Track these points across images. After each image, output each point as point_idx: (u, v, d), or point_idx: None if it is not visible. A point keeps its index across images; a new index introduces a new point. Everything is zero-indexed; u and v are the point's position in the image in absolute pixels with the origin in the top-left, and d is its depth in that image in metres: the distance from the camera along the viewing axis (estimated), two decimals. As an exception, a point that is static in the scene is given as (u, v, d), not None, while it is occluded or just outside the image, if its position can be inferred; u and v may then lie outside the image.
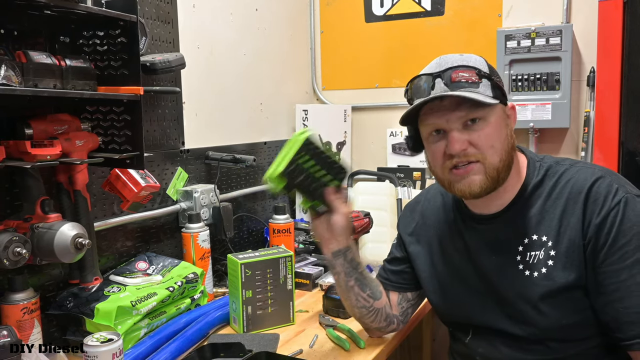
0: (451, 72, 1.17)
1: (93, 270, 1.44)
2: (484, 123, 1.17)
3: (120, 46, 1.38)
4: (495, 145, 1.18)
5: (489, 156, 1.18)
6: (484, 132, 1.17)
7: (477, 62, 1.20)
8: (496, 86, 1.19)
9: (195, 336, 1.51)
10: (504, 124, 1.21)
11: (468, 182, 1.19)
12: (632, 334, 1.12)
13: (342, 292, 1.43)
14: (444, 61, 1.20)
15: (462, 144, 1.17)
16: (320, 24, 2.81)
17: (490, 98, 1.17)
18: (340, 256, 1.37)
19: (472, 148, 1.17)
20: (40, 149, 1.24)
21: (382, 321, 1.47)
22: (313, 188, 1.31)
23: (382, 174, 2.51)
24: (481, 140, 1.17)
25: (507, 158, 1.20)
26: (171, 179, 1.90)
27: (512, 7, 2.36)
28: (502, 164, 1.19)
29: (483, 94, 1.16)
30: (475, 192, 1.20)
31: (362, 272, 1.42)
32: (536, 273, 1.20)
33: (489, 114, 1.18)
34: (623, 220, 1.13)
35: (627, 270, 1.12)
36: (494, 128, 1.18)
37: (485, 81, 1.18)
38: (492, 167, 1.18)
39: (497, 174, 1.19)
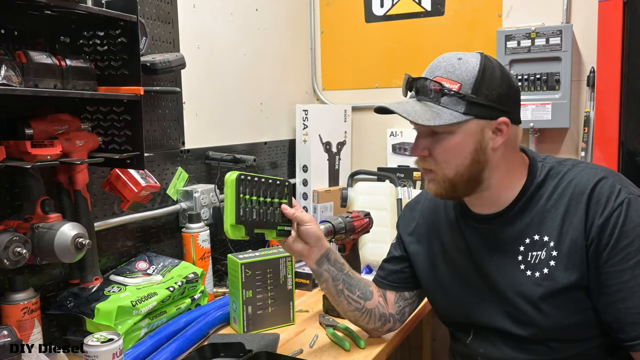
0: (423, 82, 1.20)
1: (93, 270, 1.44)
2: (449, 136, 1.18)
3: (120, 46, 1.38)
4: (450, 161, 1.20)
5: (440, 169, 1.21)
6: (444, 146, 1.19)
7: (463, 73, 1.17)
8: (474, 103, 1.16)
9: (195, 336, 1.51)
10: (473, 140, 1.18)
11: (428, 185, 1.27)
12: (634, 334, 1.12)
13: (333, 299, 1.45)
14: (434, 66, 1.21)
15: (420, 151, 1.23)
16: (321, 24, 2.81)
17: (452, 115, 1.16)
18: (324, 261, 1.39)
19: (430, 157, 1.22)
20: (41, 149, 1.24)
21: (376, 321, 1.47)
22: (269, 216, 1.32)
23: (382, 174, 2.51)
24: (437, 153, 1.21)
25: (467, 172, 1.20)
26: (171, 179, 1.90)
27: (512, 7, 2.36)
28: (458, 177, 1.20)
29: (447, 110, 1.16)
30: (433, 195, 1.27)
31: (348, 273, 1.44)
32: (538, 273, 1.20)
33: (455, 129, 1.17)
34: (626, 221, 1.13)
35: (629, 271, 1.12)
36: (457, 143, 1.18)
37: (455, 99, 1.16)
38: (444, 179, 1.22)
39: (451, 185, 1.22)
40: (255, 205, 1.30)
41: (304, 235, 1.36)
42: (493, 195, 1.25)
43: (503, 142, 1.20)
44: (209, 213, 1.96)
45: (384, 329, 1.51)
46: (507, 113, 1.19)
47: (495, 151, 1.20)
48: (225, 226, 1.27)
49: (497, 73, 1.18)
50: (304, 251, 1.37)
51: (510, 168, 1.25)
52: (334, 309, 1.68)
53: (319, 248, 1.38)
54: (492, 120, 1.18)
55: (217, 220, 1.97)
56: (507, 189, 1.25)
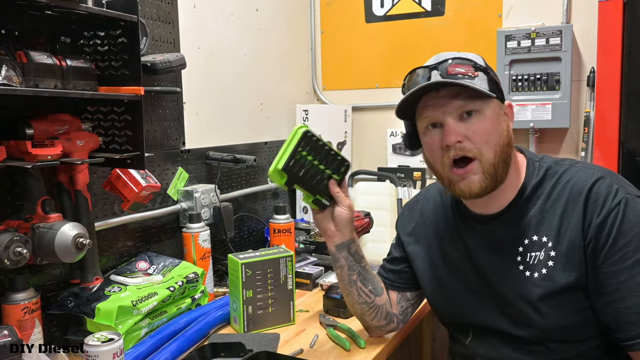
0: (447, 64, 1.18)
1: (94, 270, 1.44)
2: (481, 116, 1.17)
3: (121, 46, 1.38)
4: (491, 141, 1.17)
5: (484, 152, 1.17)
6: (480, 126, 1.17)
7: (474, 57, 1.21)
8: (493, 81, 1.19)
9: (195, 336, 1.51)
10: (500, 119, 1.20)
11: (468, 182, 1.19)
12: (632, 334, 1.12)
13: (344, 287, 1.44)
14: (441, 56, 1.22)
15: (458, 136, 1.16)
16: (321, 24, 2.81)
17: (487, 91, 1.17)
18: (344, 249, 1.38)
19: (468, 142, 1.17)
20: (41, 149, 1.24)
21: (382, 319, 1.47)
22: (315, 182, 1.31)
23: (382, 174, 2.51)
24: (476, 135, 1.17)
25: (502, 154, 1.18)
26: (172, 179, 1.90)
27: (512, 7, 2.37)
28: (497, 159, 1.18)
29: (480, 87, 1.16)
30: (475, 192, 1.19)
31: (365, 267, 1.43)
32: (536, 274, 1.20)
33: (486, 108, 1.17)
34: (623, 220, 1.13)
35: (627, 271, 1.12)
36: (490, 122, 1.17)
37: (481, 75, 1.18)
38: (488, 164, 1.17)
39: (494, 170, 1.18)
40: (308, 165, 1.29)
41: (335, 216, 1.35)
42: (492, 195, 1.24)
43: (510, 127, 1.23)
44: (210, 213, 1.96)
45: (387, 329, 1.51)
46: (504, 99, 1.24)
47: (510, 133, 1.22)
48: (271, 168, 1.26)
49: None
50: (328, 231, 1.37)
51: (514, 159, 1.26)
52: (334, 309, 1.69)
53: (343, 235, 1.37)
54: (502, 103, 1.22)
55: (218, 220, 1.97)
56: (506, 188, 1.25)
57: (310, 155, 1.29)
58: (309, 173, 1.30)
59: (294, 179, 1.27)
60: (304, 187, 1.30)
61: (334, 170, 1.34)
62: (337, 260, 1.40)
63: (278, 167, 1.25)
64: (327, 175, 1.33)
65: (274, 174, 1.26)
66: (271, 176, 1.27)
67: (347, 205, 1.35)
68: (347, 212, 1.35)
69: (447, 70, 1.17)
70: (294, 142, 1.27)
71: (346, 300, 1.49)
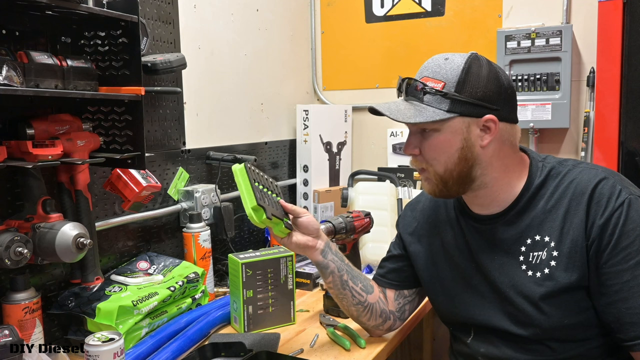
0: (409, 82, 1.23)
1: (94, 270, 1.44)
2: (437, 134, 1.21)
3: (121, 46, 1.38)
4: (439, 158, 1.23)
5: (432, 166, 1.25)
6: (432, 143, 1.23)
7: (448, 73, 1.19)
8: (458, 101, 1.18)
9: (196, 336, 1.51)
10: (459, 137, 1.20)
11: (423, 184, 1.31)
12: (634, 334, 1.12)
13: (338, 292, 1.45)
14: (424, 67, 1.25)
15: (412, 149, 1.26)
16: (321, 24, 2.81)
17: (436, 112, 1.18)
18: (328, 252, 1.41)
19: (420, 155, 1.26)
20: (42, 149, 1.25)
21: (377, 318, 1.48)
22: (276, 207, 1.34)
23: (382, 174, 2.51)
24: (426, 151, 1.24)
25: (456, 169, 1.22)
26: (172, 179, 1.91)
27: (512, 7, 2.37)
28: (448, 174, 1.23)
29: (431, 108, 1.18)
30: (428, 193, 1.31)
31: (349, 264, 1.46)
32: (539, 273, 1.21)
33: (443, 126, 1.20)
34: (626, 221, 1.14)
35: (630, 271, 1.12)
36: (443, 140, 1.21)
37: (439, 97, 1.18)
38: (436, 176, 1.25)
39: (442, 182, 1.25)
40: (267, 195, 1.32)
41: (305, 227, 1.37)
42: (491, 194, 1.26)
43: (493, 140, 1.21)
44: (210, 213, 1.97)
45: (384, 327, 1.51)
46: (495, 111, 1.20)
47: (485, 149, 1.21)
48: (247, 210, 1.27)
49: (483, 72, 1.19)
50: (309, 242, 1.38)
51: (508, 167, 1.25)
52: (334, 309, 1.69)
53: (321, 238, 1.40)
54: (478, 118, 1.19)
55: (218, 220, 1.97)
56: (506, 189, 1.26)
57: (260, 185, 1.33)
58: (270, 201, 1.32)
59: (268, 210, 1.28)
60: (275, 216, 1.30)
61: (276, 191, 1.39)
62: (326, 267, 1.41)
63: (253, 204, 1.27)
64: (275, 197, 1.37)
65: (254, 214, 1.27)
66: (253, 217, 1.27)
67: (305, 212, 1.40)
68: (311, 217, 1.40)
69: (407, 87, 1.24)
70: (246, 179, 1.29)
71: (341, 306, 1.49)
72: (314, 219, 1.40)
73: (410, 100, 1.23)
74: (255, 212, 1.27)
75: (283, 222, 1.33)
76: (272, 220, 1.29)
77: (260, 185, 1.32)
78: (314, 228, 1.39)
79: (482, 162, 1.23)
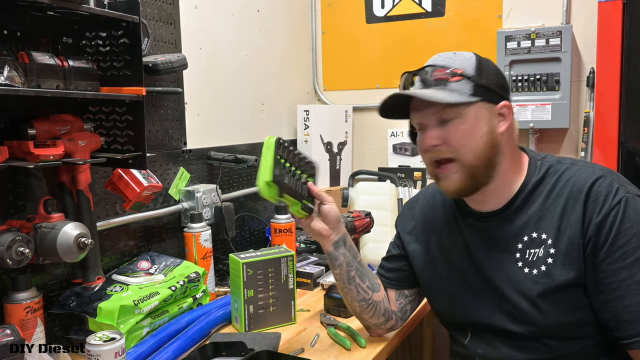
0: (429, 70, 1.22)
1: (96, 270, 1.45)
2: (460, 121, 1.19)
3: (122, 47, 1.39)
4: (468, 144, 1.20)
5: (461, 154, 1.20)
6: (458, 130, 1.19)
7: (463, 62, 1.21)
8: (480, 85, 1.19)
9: (197, 335, 1.51)
10: (484, 122, 1.20)
11: (447, 180, 1.23)
12: (631, 332, 1.12)
13: (343, 285, 1.44)
14: (432, 61, 1.25)
15: (433, 140, 1.21)
16: (322, 24, 2.82)
17: (462, 96, 1.18)
18: (341, 245, 1.40)
19: (445, 145, 1.21)
20: (43, 149, 1.25)
21: (380, 316, 1.48)
22: (298, 188, 1.33)
23: (383, 174, 2.52)
24: (453, 139, 1.20)
25: (484, 156, 1.21)
26: (173, 179, 1.91)
27: (512, 8, 2.37)
28: (478, 162, 1.20)
29: (456, 92, 1.18)
30: (454, 190, 1.24)
31: (360, 262, 1.45)
32: (535, 270, 1.21)
33: (465, 113, 1.19)
34: (623, 219, 1.14)
35: (626, 270, 1.13)
36: (469, 126, 1.19)
37: (463, 81, 1.19)
38: (466, 165, 1.20)
39: (473, 172, 1.21)
40: (290, 173, 1.31)
41: (325, 215, 1.36)
42: (493, 189, 1.26)
43: (507, 128, 1.23)
44: (211, 213, 1.97)
45: (386, 326, 1.51)
46: (506, 99, 1.24)
47: (503, 135, 1.23)
48: (258, 182, 1.26)
49: (491, 65, 1.24)
50: (323, 231, 1.37)
51: (514, 159, 1.27)
52: (335, 308, 1.69)
53: (337, 231, 1.39)
54: (495, 105, 1.22)
55: (219, 220, 1.98)
56: (507, 185, 1.26)
57: (287, 162, 1.31)
58: (292, 180, 1.31)
59: (283, 188, 1.28)
60: (292, 196, 1.30)
61: (308, 172, 1.38)
62: (335, 259, 1.41)
63: (267, 179, 1.25)
64: (305, 179, 1.36)
65: (264, 188, 1.26)
66: (262, 190, 1.27)
67: (332, 201, 1.38)
68: (334, 207, 1.38)
69: (426, 76, 1.22)
70: (272, 152, 1.27)
71: (345, 300, 1.49)
72: (336, 209, 1.38)
73: (434, 87, 1.20)
74: (267, 187, 1.26)
75: (301, 203, 1.32)
76: (285, 198, 1.28)
77: (287, 163, 1.30)
78: (334, 218, 1.37)
79: (502, 149, 1.24)
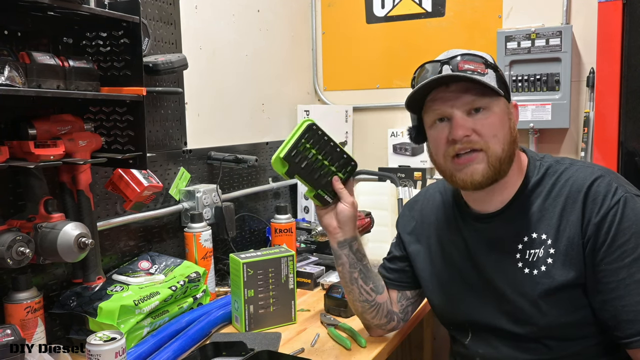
0: (459, 59, 1.19)
1: (96, 270, 1.45)
2: (489, 112, 1.19)
3: (123, 47, 1.39)
4: (499, 135, 1.19)
5: (492, 145, 1.18)
6: (488, 120, 1.18)
7: (484, 55, 1.22)
8: (501, 80, 1.21)
9: (197, 335, 1.51)
10: (507, 117, 1.22)
11: (470, 170, 1.20)
12: (630, 332, 1.13)
13: (345, 284, 1.44)
14: (451, 52, 1.23)
15: (466, 130, 1.17)
16: (322, 25, 2.81)
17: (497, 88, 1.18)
18: (345, 246, 1.39)
19: (476, 135, 1.18)
20: (44, 149, 1.25)
21: (382, 317, 1.48)
22: (317, 176, 1.32)
23: (383, 174, 2.52)
24: (485, 129, 1.18)
25: (509, 150, 1.20)
26: (174, 179, 1.91)
27: (512, 8, 2.37)
28: (504, 154, 1.19)
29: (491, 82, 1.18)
30: (477, 180, 1.20)
31: (367, 265, 1.43)
32: (536, 271, 1.21)
33: (494, 105, 1.19)
34: (622, 219, 1.14)
35: (625, 269, 1.13)
36: (498, 119, 1.19)
37: (491, 72, 1.19)
38: (494, 156, 1.19)
39: (499, 164, 1.19)
40: (311, 158, 1.30)
41: (338, 213, 1.36)
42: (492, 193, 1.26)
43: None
44: (211, 213, 1.97)
45: (387, 327, 1.51)
46: None
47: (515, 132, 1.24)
48: (274, 156, 1.28)
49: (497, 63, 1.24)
50: (330, 227, 1.37)
51: (517, 158, 1.27)
52: (335, 308, 1.70)
53: (345, 232, 1.38)
54: (509, 102, 1.23)
55: (219, 220, 1.98)
56: (508, 184, 1.26)
57: (314, 149, 1.30)
58: (311, 166, 1.31)
59: (295, 169, 1.28)
60: (305, 180, 1.31)
61: (339, 167, 1.35)
62: (338, 257, 1.41)
63: (280, 155, 1.27)
64: (332, 171, 1.34)
65: (275, 162, 1.28)
66: (273, 164, 1.29)
67: (350, 203, 1.35)
68: (349, 210, 1.35)
69: (457, 65, 1.18)
70: (298, 133, 1.28)
71: (347, 298, 1.49)
72: (351, 213, 1.35)
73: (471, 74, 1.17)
74: (277, 161, 1.27)
75: (316, 191, 1.32)
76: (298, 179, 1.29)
77: (313, 149, 1.30)
78: (345, 219, 1.36)
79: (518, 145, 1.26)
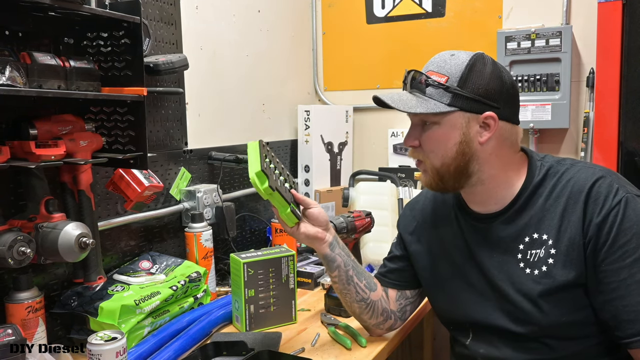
0: (414, 74, 1.26)
1: (97, 270, 1.45)
2: (436, 127, 1.24)
3: (124, 47, 1.39)
4: (436, 151, 1.24)
5: (430, 159, 1.26)
6: (431, 135, 1.25)
7: (452, 67, 1.21)
8: (458, 95, 1.20)
9: (198, 335, 1.52)
10: (458, 132, 1.22)
11: (422, 176, 1.31)
12: (631, 332, 1.13)
13: (342, 287, 1.45)
14: (430, 62, 1.27)
15: (412, 141, 1.28)
16: (322, 25, 2.82)
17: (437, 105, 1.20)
18: (335, 245, 1.42)
19: (419, 147, 1.27)
20: (45, 149, 1.25)
21: (378, 316, 1.48)
22: (285, 191, 1.33)
23: (383, 174, 2.52)
24: (425, 143, 1.26)
25: (452, 163, 1.24)
26: (174, 179, 1.91)
27: (512, 8, 2.37)
28: (444, 168, 1.25)
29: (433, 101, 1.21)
30: (427, 186, 1.31)
31: (354, 260, 1.46)
32: (537, 271, 1.21)
33: (445, 120, 1.22)
34: (623, 219, 1.14)
35: (626, 269, 1.13)
36: (442, 134, 1.23)
37: (440, 91, 1.20)
38: (433, 170, 1.27)
39: (438, 176, 1.26)
40: (277, 172, 1.32)
41: (314, 218, 1.38)
42: (488, 192, 1.27)
43: (492, 137, 1.22)
44: (212, 213, 1.97)
45: (385, 326, 1.51)
46: (496, 109, 1.21)
47: (484, 145, 1.23)
48: (250, 174, 1.27)
49: (487, 70, 1.21)
50: (318, 234, 1.39)
51: (507, 166, 1.27)
52: (336, 308, 1.70)
53: (329, 232, 1.41)
54: (478, 114, 1.21)
55: (220, 220, 1.98)
56: (504, 187, 1.27)
57: (272, 164, 1.33)
58: (279, 180, 1.32)
59: (273, 183, 1.28)
60: (281, 194, 1.29)
61: (290, 181, 1.39)
62: (333, 261, 1.41)
63: (256, 169, 1.26)
64: (288, 186, 1.37)
65: (258, 176, 1.26)
66: (255, 181, 1.27)
67: (316, 204, 1.42)
68: (319, 209, 1.41)
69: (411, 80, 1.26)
70: (257, 150, 1.29)
71: (343, 302, 1.50)
72: (324, 211, 1.41)
73: (414, 92, 1.25)
74: (259, 177, 1.26)
75: (290, 206, 1.32)
76: (275, 197, 1.28)
77: (272, 165, 1.32)
78: (324, 220, 1.40)
79: (480, 158, 1.24)
